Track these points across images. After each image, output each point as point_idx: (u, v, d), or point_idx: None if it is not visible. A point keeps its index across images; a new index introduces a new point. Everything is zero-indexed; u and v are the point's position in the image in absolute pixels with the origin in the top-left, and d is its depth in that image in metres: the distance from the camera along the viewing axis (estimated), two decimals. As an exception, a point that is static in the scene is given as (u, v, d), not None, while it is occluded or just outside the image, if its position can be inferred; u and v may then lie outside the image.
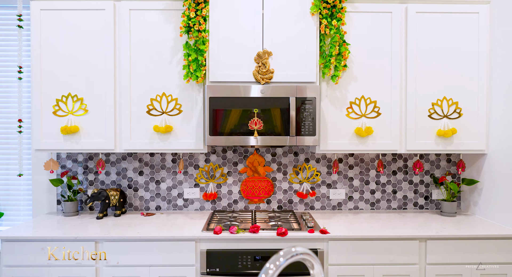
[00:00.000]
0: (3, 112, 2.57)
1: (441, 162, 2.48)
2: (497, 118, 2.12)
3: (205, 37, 2.05)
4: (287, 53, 2.08)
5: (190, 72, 2.05)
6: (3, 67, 2.56)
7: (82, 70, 2.12)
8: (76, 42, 2.12)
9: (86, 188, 2.43)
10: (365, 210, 2.46)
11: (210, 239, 1.89)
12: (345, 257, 1.90)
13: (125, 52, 2.12)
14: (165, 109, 2.14)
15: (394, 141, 2.16)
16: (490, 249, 1.92)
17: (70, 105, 2.13)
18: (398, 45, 2.15)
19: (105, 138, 2.13)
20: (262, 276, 0.60)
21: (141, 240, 1.87)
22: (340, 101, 2.15)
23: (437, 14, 2.17)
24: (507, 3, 2.05)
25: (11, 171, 2.60)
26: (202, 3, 2.05)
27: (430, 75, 2.17)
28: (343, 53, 2.08)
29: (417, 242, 1.91)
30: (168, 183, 2.45)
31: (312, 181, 2.45)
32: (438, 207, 2.46)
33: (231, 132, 2.03)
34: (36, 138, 2.12)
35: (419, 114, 2.17)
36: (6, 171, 2.60)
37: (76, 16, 2.12)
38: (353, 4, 2.15)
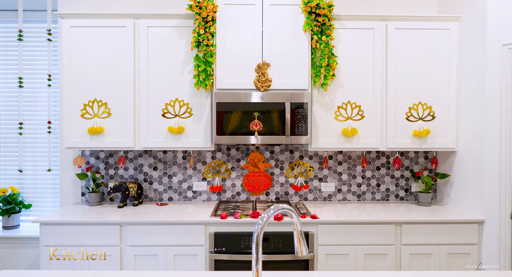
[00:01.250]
0: (32, 115, 2.96)
1: (419, 158, 2.87)
2: (464, 120, 2.52)
3: (212, 51, 2.44)
4: (283, 64, 2.47)
5: (199, 80, 2.45)
6: (32, 75, 2.96)
7: (106, 79, 2.52)
8: (100, 55, 2.52)
9: (107, 182, 2.82)
10: (352, 201, 2.86)
11: (217, 223, 2.28)
12: (332, 239, 2.29)
13: (143, 63, 2.52)
14: (178, 113, 2.53)
15: (376, 140, 2.55)
16: (456, 232, 2.31)
17: (96, 109, 2.52)
18: (379, 57, 2.55)
19: (126, 138, 2.53)
20: (259, 221, 1.00)
21: (159, 223, 2.26)
22: (329, 106, 2.55)
23: (414, 30, 2.57)
24: (473, 21, 2.44)
25: (39, 168, 3.00)
26: (210, 21, 2.44)
27: (407, 82, 2.56)
28: (332, 64, 2.48)
29: (393, 226, 2.30)
30: (179, 177, 2.84)
31: (306, 176, 2.85)
32: (416, 198, 2.85)
33: (235, 132, 2.43)
34: (66, 138, 2.51)
35: (398, 116, 2.56)
36: (34, 167, 3.00)
37: (101, 32, 2.52)
38: (340, 22, 2.54)
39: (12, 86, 2.98)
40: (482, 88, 2.34)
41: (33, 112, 2.99)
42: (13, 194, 2.90)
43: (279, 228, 2.29)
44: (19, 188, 3.00)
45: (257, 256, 1.01)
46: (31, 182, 3.02)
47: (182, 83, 2.53)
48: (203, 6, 2.41)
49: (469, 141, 2.48)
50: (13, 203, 2.88)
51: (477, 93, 2.39)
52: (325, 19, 2.45)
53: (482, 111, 2.34)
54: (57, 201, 3.00)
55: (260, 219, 1.00)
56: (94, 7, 2.85)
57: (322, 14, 2.43)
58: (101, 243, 2.27)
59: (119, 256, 2.27)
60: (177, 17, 2.52)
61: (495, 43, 2.27)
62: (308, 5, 2.42)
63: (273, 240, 2.27)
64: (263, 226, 1.00)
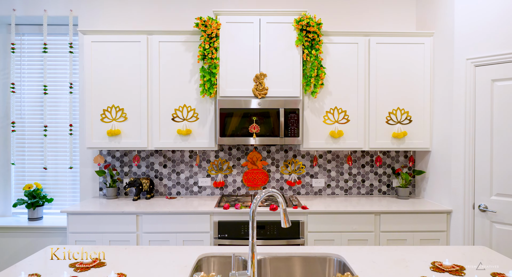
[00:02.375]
0: (54, 118, 3.38)
1: (399, 157, 3.30)
2: (437, 124, 2.94)
3: (216, 63, 2.86)
4: (278, 75, 2.89)
5: (205, 89, 2.87)
6: (55, 83, 3.38)
7: (123, 87, 2.94)
8: (118, 66, 2.94)
9: (123, 178, 3.24)
10: (340, 195, 3.28)
11: (221, 213, 2.70)
12: (320, 227, 2.71)
13: (155, 73, 2.94)
14: (186, 117, 2.95)
15: (359, 141, 2.98)
16: (427, 221, 2.73)
17: (114, 114, 2.94)
18: (362, 68, 2.97)
19: (140, 139, 2.95)
20: (254, 200, 1.41)
21: (170, 213, 2.68)
22: (318, 111, 2.97)
23: (393, 44, 2.99)
24: (443, 37, 2.86)
25: (59, 166, 3.42)
26: (214, 37, 2.86)
27: (387, 90, 2.98)
28: (320, 74, 2.90)
29: (373, 215, 2.73)
30: (186, 174, 3.26)
31: (298, 173, 3.27)
32: (396, 192, 3.26)
33: (236, 134, 2.85)
34: (88, 139, 2.94)
35: (379, 120, 2.99)
36: (55, 165, 3.42)
37: (118, 46, 2.94)
38: (328, 37, 2.97)
39: (35, 93, 3.40)
40: (450, 96, 2.77)
41: (55, 116, 3.40)
42: (37, 189, 3.32)
43: (274, 217, 2.71)
44: (42, 184, 3.41)
45: (252, 226, 1.43)
46: (52, 179, 3.43)
47: (189, 91, 2.96)
48: (208, 24, 2.84)
49: (440, 142, 2.91)
50: (37, 197, 3.29)
51: (446, 101, 2.81)
52: (315, 35, 2.87)
53: (450, 116, 2.77)
54: (76, 196, 3.42)
55: (255, 199, 1.42)
56: (111, 23, 3.27)
57: (312, 31, 2.86)
58: (120, 230, 2.68)
59: (136, 241, 2.68)
60: (185, 33, 2.94)
61: (461, 57, 2.70)
62: (300, 23, 2.85)
63: (269, 227, 2.69)
64: (257, 203, 1.42)
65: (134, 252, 1.79)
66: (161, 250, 1.82)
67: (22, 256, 3.19)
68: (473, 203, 2.65)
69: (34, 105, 3.41)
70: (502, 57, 2.51)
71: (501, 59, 2.52)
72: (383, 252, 1.79)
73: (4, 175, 3.42)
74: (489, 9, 2.56)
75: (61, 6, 3.26)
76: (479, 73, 2.63)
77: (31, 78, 3.41)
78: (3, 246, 3.21)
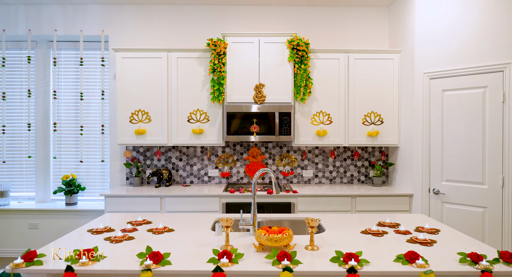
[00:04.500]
0: (87, 121, 4.22)
1: (375, 152, 4.15)
2: (403, 125, 3.79)
3: (224, 75, 3.71)
4: (274, 85, 3.74)
5: (214, 96, 3.71)
6: (88, 91, 4.22)
7: (147, 95, 3.78)
8: (143, 77, 3.78)
9: (145, 169, 4.08)
10: (325, 184, 4.13)
11: (228, 196, 3.54)
12: (307, 207, 3.55)
13: (174, 83, 3.78)
14: (199, 119, 3.79)
15: (340, 139, 3.82)
16: (393, 202, 3.57)
17: (140, 116, 3.78)
18: (343, 79, 3.82)
19: (161, 137, 3.79)
20: (255, 176, 2.24)
21: (188, 196, 3.52)
22: (307, 114, 3.81)
23: (368, 59, 3.84)
24: (407, 54, 3.72)
25: (91, 160, 4.26)
26: (222, 54, 3.70)
27: (363, 97, 3.83)
28: (308, 84, 3.74)
29: (349, 198, 3.57)
30: (198, 166, 4.11)
31: (291, 165, 4.11)
32: (372, 181, 4.10)
33: (239, 132, 3.69)
34: (119, 137, 3.78)
35: (356, 122, 3.83)
36: (87, 159, 4.25)
37: (143, 61, 3.78)
38: (315, 54, 3.81)
39: (71, 98, 4.24)
40: (411, 102, 3.62)
41: (87, 119, 4.24)
42: (73, 179, 4.15)
43: (270, 199, 3.54)
44: (76, 175, 4.25)
45: (254, 194, 2.25)
46: (85, 171, 4.27)
47: (201, 98, 3.80)
48: (217, 44, 3.68)
49: (405, 140, 3.75)
50: (73, 186, 4.13)
51: (409, 106, 3.66)
52: (303, 53, 3.72)
53: (412, 119, 3.61)
54: (104, 185, 4.26)
55: (255, 176, 2.25)
56: (136, 39, 4.12)
57: (301, 49, 3.70)
58: (147, 209, 3.52)
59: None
60: (198, 51, 3.78)
61: (419, 71, 3.54)
62: (291, 43, 3.69)
63: (266, 207, 3.53)
64: (257, 177, 2.25)
65: (168, 217, 2.63)
66: (187, 216, 2.66)
67: (63, 234, 4.02)
68: (429, 187, 3.49)
69: (70, 109, 4.25)
70: (449, 72, 3.36)
71: (449, 74, 3.37)
72: (348, 218, 2.63)
73: (44, 168, 4.26)
74: (440, 33, 3.41)
75: (94, 26, 4.11)
76: (433, 84, 3.47)
77: (68, 86, 4.25)
78: (46, 225, 4.05)
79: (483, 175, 3.18)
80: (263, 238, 1.87)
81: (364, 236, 2.17)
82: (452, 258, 1.80)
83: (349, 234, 2.20)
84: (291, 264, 1.67)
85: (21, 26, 4.10)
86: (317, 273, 1.65)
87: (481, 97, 3.19)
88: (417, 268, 1.67)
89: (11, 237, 4.08)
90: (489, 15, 3.12)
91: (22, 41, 4.21)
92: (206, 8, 4.15)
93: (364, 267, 1.66)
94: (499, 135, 3.08)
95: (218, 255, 1.73)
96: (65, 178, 4.14)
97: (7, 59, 4.20)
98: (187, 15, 4.14)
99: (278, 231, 1.92)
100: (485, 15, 3.13)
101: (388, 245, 2.00)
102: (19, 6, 4.09)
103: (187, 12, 4.15)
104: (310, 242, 1.96)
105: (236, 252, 1.81)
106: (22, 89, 4.26)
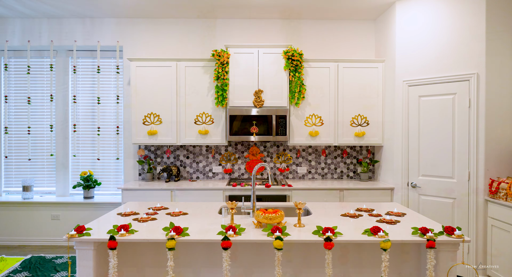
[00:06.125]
0: (103, 122, 4.82)
1: (363, 151, 4.76)
2: (386, 126, 4.39)
3: (227, 82, 4.31)
4: (271, 90, 4.34)
5: (218, 101, 4.32)
6: (104, 96, 4.82)
7: (158, 99, 4.39)
8: (155, 84, 4.39)
9: (156, 166, 4.68)
10: (318, 179, 4.74)
11: (230, 189, 4.14)
12: (301, 199, 4.16)
13: (182, 89, 4.39)
14: (204, 121, 4.39)
15: (331, 138, 4.43)
16: (377, 195, 4.19)
17: (152, 118, 4.38)
18: (333, 85, 4.42)
19: (171, 137, 4.40)
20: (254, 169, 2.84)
21: (195, 189, 4.13)
22: (301, 117, 4.42)
23: (356, 68, 4.46)
24: (390, 63, 4.34)
25: (106, 158, 4.86)
26: (225, 63, 4.31)
27: (351, 101, 4.44)
28: (302, 90, 4.35)
29: (338, 191, 4.17)
30: (203, 163, 4.71)
31: (287, 162, 4.72)
32: (360, 177, 4.70)
33: (241, 133, 4.29)
34: (133, 137, 4.39)
35: (345, 123, 4.44)
36: (103, 157, 4.85)
37: (155, 69, 4.40)
38: (308, 63, 4.42)
39: (88, 102, 4.84)
40: (393, 106, 4.22)
41: (103, 120, 4.84)
42: (90, 175, 4.75)
43: (268, 192, 4.15)
44: (93, 171, 4.84)
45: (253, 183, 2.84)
46: (101, 168, 4.87)
47: (207, 102, 4.40)
48: (221, 55, 4.29)
49: (388, 140, 4.36)
50: (90, 181, 4.73)
51: (392, 110, 4.26)
52: (298, 62, 4.32)
53: (393, 121, 4.22)
54: (118, 181, 4.87)
55: (254, 168, 2.84)
56: (147, 48, 4.74)
57: (296, 59, 4.31)
58: (159, 201, 4.11)
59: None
60: (203, 61, 4.39)
61: (399, 79, 4.15)
62: (287, 54, 4.30)
63: (264, 199, 4.14)
64: (256, 169, 2.84)
65: (181, 205, 3.24)
66: (197, 204, 3.27)
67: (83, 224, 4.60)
68: (408, 181, 4.10)
69: (88, 112, 4.86)
70: (425, 80, 3.97)
71: (424, 82, 3.98)
72: (333, 205, 3.23)
73: (64, 165, 4.87)
74: (418, 45, 4.03)
75: (109, 38, 4.72)
76: (411, 91, 4.08)
77: (85, 91, 4.86)
78: (67, 217, 4.66)
79: (452, 170, 3.79)
80: (261, 216, 2.48)
81: (343, 218, 2.78)
82: (408, 232, 2.41)
83: (331, 217, 2.81)
84: (282, 235, 2.27)
85: (44, 37, 4.71)
86: (301, 241, 2.28)
87: (451, 102, 3.80)
88: (379, 238, 2.27)
89: (35, 227, 4.68)
90: (457, 30, 3.73)
91: (44, 50, 4.82)
92: (211, 21, 4.75)
93: (338, 237, 2.27)
94: (466, 135, 3.69)
95: (225, 229, 2.34)
96: (83, 174, 4.74)
97: (32, 67, 4.81)
98: (194, 28, 4.75)
99: (273, 212, 2.52)
100: (455, 30, 3.75)
101: (361, 224, 2.61)
102: (42, 19, 4.70)
103: (194, 25, 4.75)
104: (298, 221, 2.57)
105: (239, 227, 2.41)
106: (44, 94, 4.87)
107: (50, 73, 4.76)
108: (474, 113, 3.65)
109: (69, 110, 4.85)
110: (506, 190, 3.34)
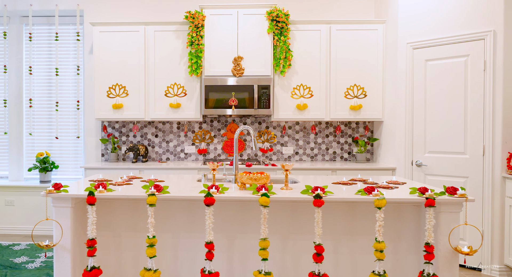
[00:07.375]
0: (62, 96, 4.32)
1: (359, 128, 4.25)
2: (387, 98, 3.88)
3: (202, 48, 3.81)
4: (252, 57, 3.85)
5: (192, 70, 3.82)
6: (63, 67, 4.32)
7: (125, 69, 3.91)
8: (120, 51, 3.91)
9: (121, 145, 4.17)
10: (306, 161, 4.23)
11: (206, 169, 3.66)
12: (286, 181, 3.63)
13: (151, 57, 3.90)
14: (176, 93, 3.90)
15: (321, 113, 3.93)
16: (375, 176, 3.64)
17: (117, 90, 3.90)
18: (325, 51, 3.93)
19: (138, 111, 3.91)
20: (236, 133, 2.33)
21: (167, 169, 3.66)
22: (287, 87, 3.92)
23: (351, 31, 3.97)
24: (391, 24, 3.84)
25: (65, 136, 4.36)
26: (200, 27, 3.82)
27: (345, 69, 3.95)
28: (288, 57, 3.85)
29: (330, 171, 3.66)
30: (174, 143, 4.22)
31: (271, 142, 4.23)
32: (356, 158, 4.18)
33: (218, 106, 3.78)
34: (96, 111, 3.90)
35: (338, 95, 3.94)
36: (61, 136, 4.35)
37: (121, 35, 3.93)
38: (295, 25, 3.93)
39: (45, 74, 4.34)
40: (395, 74, 3.72)
41: (61, 95, 4.36)
42: (47, 156, 4.25)
43: (248, 173, 3.62)
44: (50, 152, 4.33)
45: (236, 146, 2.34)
46: (58, 149, 4.37)
47: (179, 71, 3.91)
48: (195, 17, 3.80)
49: (389, 113, 3.86)
50: (47, 163, 4.22)
51: (393, 78, 3.76)
52: (283, 24, 3.83)
53: (395, 91, 3.72)
54: (78, 162, 4.37)
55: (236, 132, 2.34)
56: (112, 13, 4.29)
57: (281, 21, 3.83)
58: (122, 183, 3.60)
59: (135, 193, 3.60)
60: (175, 24, 3.91)
61: (403, 41, 3.66)
62: (271, 14, 3.81)
63: (244, 181, 3.61)
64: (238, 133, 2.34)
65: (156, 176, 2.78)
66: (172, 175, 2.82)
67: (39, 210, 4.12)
68: (412, 160, 3.59)
69: (44, 85, 4.36)
70: (432, 41, 3.49)
71: (432, 43, 3.49)
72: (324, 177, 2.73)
73: (17, 145, 4.37)
74: (423, 2, 3.50)
75: (69, 0, 4.20)
76: (417, 55, 3.59)
77: (42, 62, 4.37)
78: (22, 202, 4.17)
79: (464, 145, 3.30)
80: (245, 177, 2.25)
81: (335, 185, 2.46)
82: (406, 193, 2.09)
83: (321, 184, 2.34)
84: (268, 193, 1.98)
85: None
86: (289, 199, 2.07)
87: (463, 66, 3.32)
88: (373, 197, 1.94)
89: (-16, 215, 4.18)
90: (466, -20, 3.23)
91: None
92: (185, -19, 4.26)
93: (328, 196, 1.97)
94: (480, 104, 3.20)
95: (207, 188, 2.07)
96: (40, 155, 4.25)
97: (-20, 34, 4.33)
98: (166, -11, 4.26)
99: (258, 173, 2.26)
100: (463, -19, 3.25)
101: (355, 190, 2.18)
102: (-7, -21, 4.22)
103: (165, -14, 4.26)
104: (284, 183, 2.31)
105: (222, 186, 2.14)
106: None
107: (3, 41, 4.27)
108: (490, 77, 3.16)
109: (23, 82, 4.35)
110: (529, 162, 2.85)
